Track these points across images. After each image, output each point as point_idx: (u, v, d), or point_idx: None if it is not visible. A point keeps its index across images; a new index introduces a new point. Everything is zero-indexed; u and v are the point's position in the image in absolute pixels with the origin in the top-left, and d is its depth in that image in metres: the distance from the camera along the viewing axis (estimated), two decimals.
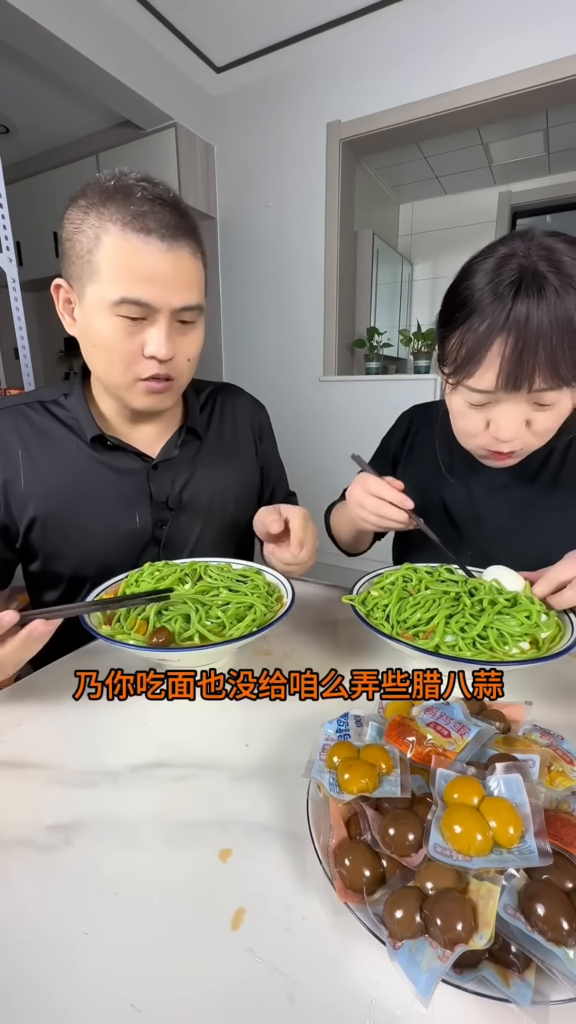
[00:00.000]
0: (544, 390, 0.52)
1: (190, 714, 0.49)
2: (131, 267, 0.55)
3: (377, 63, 2.21)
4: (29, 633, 0.45)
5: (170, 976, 0.27)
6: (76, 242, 0.57)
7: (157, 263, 0.56)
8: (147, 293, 0.56)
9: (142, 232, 0.55)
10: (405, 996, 0.26)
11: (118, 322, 0.57)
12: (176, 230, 0.57)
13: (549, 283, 0.49)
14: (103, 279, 0.56)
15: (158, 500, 0.71)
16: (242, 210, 2.72)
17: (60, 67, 2.06)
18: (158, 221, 0.55)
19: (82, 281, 0.58)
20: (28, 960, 0.28)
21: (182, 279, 0.58)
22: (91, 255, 0.56)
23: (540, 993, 0.24)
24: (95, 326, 0.59)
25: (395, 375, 2.78)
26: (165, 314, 0.58)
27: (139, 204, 0.55)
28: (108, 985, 0.27)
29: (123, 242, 0.55)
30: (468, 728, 0.36)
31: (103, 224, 0.55)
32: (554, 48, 1.88)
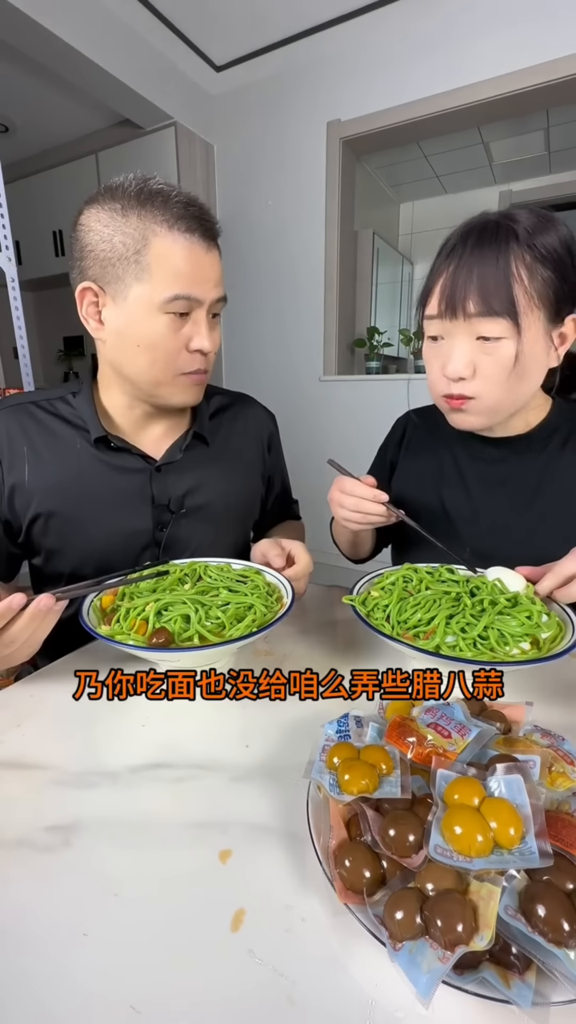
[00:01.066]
0: (476, 316, 0.57)
1: (190, 715, 0.49)
2: (184, 265, 0.59)
3: (377, 62, 2.20)
4: (36, 606, 0.46)
5: (170, 977, 0.27)
6: (113, 244, 0.58)
7: (200, 261, 0.60)
8: (194, 289, 0.60)
9: (187, 232, 0.58)
10: (405, 997, 0.26)
11: (166, 319, 0.60)
12: (212, 230, 0.61)
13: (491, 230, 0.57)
14: (154, 279, 0.58)
15: (160, 502, 0.71)
16: (242, 209, 2.71)
17: (60, 66, 2.06)
18: (198, 222, 0.59)
19: (124, 282, 0.59)
20: (28, 961, 0.28)
21: (217, 274, 0.63)
22: (139, 256, 0.57)
23: (541, 994, 0.24)
24: (140, 326, 0.60)
25: (395, 375, 2.78)
26: (204, 308, 0.62)
27: (178, 207, 0.58)
28: (108, 986, 0.27)
29: (173, 245, 0.58)
30: (469, 729, 0.36)
31: (148, 226, 0.57)
32: (554, 47, 1.88)
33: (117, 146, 2.71)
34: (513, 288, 0.55)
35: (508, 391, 0.61)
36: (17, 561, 0.74)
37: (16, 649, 0.48)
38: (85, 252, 0.60)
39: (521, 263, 0.56)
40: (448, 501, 0.74)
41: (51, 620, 0.48)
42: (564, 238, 0.58)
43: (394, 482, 0.82)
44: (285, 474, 0.93)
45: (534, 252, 0.56)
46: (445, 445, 0.76)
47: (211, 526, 0.76)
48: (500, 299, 0.55)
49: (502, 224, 0.57)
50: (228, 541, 0.80)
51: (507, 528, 0.69)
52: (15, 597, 0.45)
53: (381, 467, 0.86)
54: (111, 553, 0.70)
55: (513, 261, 0.55)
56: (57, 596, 0.48)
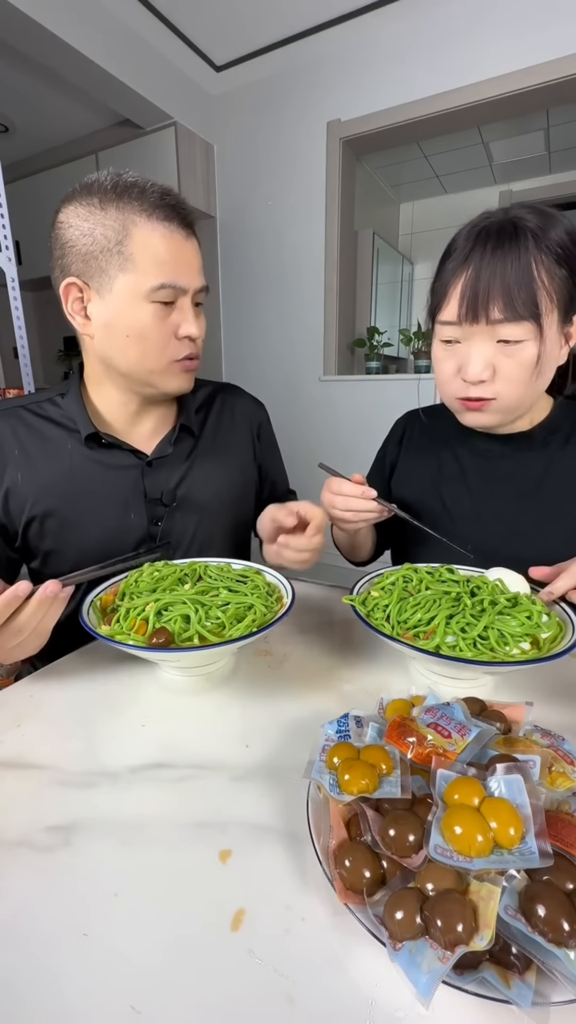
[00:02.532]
0: (502, 322, 0.56)
1: (190, 715, 0.49)
2: (166, 254, 0.59)
3: (377, 62, 2.20)
4: (42, 592, 0.47)
5: (170, 977, 0.27)
6: (94, 238, 0.58)
7: (181, 249, 0.61)
8: (179, 277, 0.60)
9: (166, 221, 0.59)
10: (405, 997, 0.26)
11: (153, 308, 0.60)
12: (188, 218, 0.62)
13: (508, 232, 0.56)
14: (138, 268, 0.59)
15: (152, 497, 0.72)
16: (242, 209, 2.71)
17: (60, 66, 2.06)
18: (174, 211, 0.60)
19: (108, 274, 0.59)
20: (27, 961, 0.28)
21: (198, 262, 0.64)
22: (121, 247, 0.58)
23: (541, 994, 0.24)
24: (128, 316, 0.61)
25: (395, 375, 2.78)
26: (189, 296, 0.63)
27: (154, 196, 0.59)
28: (108, 986, 0.27)
29: (153, 234, 0.58)
30: (469, 729, 0.36)
31: (128, 216, 0.58)
32: (555, 47, 1.88)
33: (117, 146, 2.71)
34: (537, 291, 0.55)
35: (527, 391, 0.61)
36: (16, 566, 0.74)
37: (25, 639, 0.48)
38: (66, 249, 0.60)
39: (541, 265, 0.55)
40: (449, 498, 0.74)
41: (58, 607, 0.49)
42: (572, 233, 0.57)
43: (395, 481, 0.82)
44: (280, 464, 0.93)
45: (550, 252, 0.56)
46: (445, 444, 0.76)
47: (205, 517, 0.77)
48: (525, 303, 0.55)
49: (518, 225, 0.56)
50: (224, 532, 0.80)
51: (509, 524, 0.69)
52: (20, 584, 0.46)
53: (381, 468, 0.86)
54: (108, 550, 0.70)
55: (534, 263, 0.55)
56: (64, 582, 0.48)
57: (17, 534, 0.69)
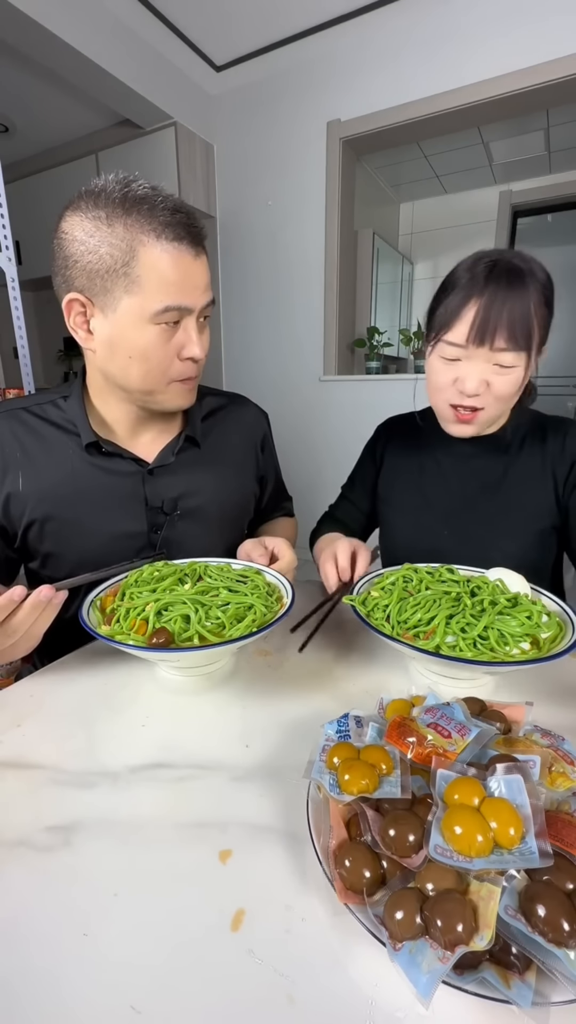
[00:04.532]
0: (503, 350, 0.65)
1: (190, 714, 0.49)
2: (174, 275, 0.57)
3: (377, 61, 2.20)
4: (36, 597, 0.47)
5: (170, 977, 0.27)
6: (100, 256, 0.56)
7: (189, 269, 0.58)
8: (186, 298, 0.59)
9: (176, 241, 0.57)
10: (405, 997, 0.26)
11: (157, 330, 0.59)
12: (199, 235, 0.59)
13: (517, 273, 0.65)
14: (144, 290, 0.57)
15: (153, 505, 0.72)
16: (242, 209, 2.71)
17: (60, 66, 2.06)
18: (185, 229, 0.57)
19: (113, 294, 0.57)
20: (27, 961, 0.28)
21: (206, 279, 0.62)
22: (128, 268, 0.56)
23: (541, 994, 0.24)
24: (131, 337, 0.59)
25: (395, 375, 2.78)
26: (195, 315, 0.61)
27: (165, 214, 0.56)
28: (108, 986, 0.27)
29: (162, 255, 0.56)
30: (469, 729, 0.36)
31: (136, 236, 0.55)
32: (554, 47, 1.88)
33: (117, 146, 2.71)
34: (532, 327, 0.64)
35: (508, 405, 0.73)
36: (15, 565, 0.74)
37: (17, 641, 0.48)
38: (70, 263, 0.57)
39: (537, 305, 0.64)
40: (431, 493, 0.84)
41: (51, 612, 0.49)
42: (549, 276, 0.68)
43: (381, 480, 0.92)
44: (279, 473, 0.93)
45: (543, 294, 0.65)
46: (425, 446, 0.86)
47: (205, 527, 0.77)
48: (525, 336, 0.64)
49: (524, 268, 0.65)
50: (223, 542, 0.80)
51: (479, 512, 0.80)
52: (16, 589, 0.46)
53: (364, 471, 0.97)
54: (107, 556, 0.69)
55: (532, 303, 0.64)
56: (57, 587, 0.49)
57: (16, 536, 0.69)
